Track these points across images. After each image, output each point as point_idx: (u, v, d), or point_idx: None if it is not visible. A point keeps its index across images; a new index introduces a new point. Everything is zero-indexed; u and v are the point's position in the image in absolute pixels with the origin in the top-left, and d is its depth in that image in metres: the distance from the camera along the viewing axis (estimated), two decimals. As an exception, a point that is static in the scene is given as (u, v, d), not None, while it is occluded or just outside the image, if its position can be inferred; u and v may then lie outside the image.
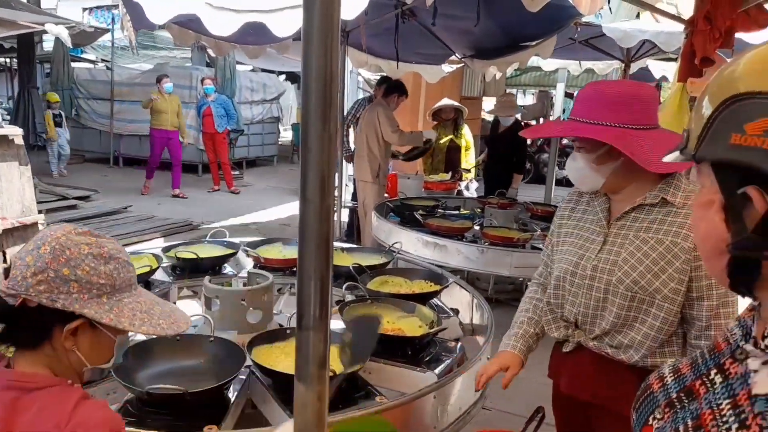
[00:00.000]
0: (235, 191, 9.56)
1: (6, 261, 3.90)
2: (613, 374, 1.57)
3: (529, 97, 18.21)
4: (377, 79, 9.28)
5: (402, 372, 1.81)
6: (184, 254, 2.59)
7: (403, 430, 1.54)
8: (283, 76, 15.74)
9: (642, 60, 6.42)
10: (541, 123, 11.10)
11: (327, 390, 0.67)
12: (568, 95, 10.51)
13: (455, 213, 4.62)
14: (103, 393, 1.64)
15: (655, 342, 1.50)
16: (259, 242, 2.87)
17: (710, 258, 0.71)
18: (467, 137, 6.24)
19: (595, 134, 1.49)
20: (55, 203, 7.45)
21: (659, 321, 1.49)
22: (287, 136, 15.92)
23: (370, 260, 2.67)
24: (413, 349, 1.89)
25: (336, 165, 0.70)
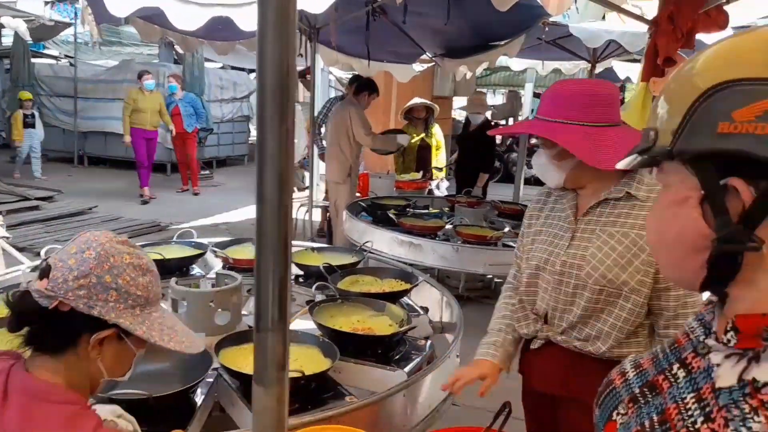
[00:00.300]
0: (197, 192, 9.28)
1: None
2: (582, 367, 1.59)
3: (499, 97, 18.39)
4: (349, 78, 9.29)
5: (372, 371, 1.80)
6: (150, 255, 2.53)
7: (373, 430, 1.53)
8: (254, 74, 15.56)
9: (607, 60, 6.56)
10: (511, 122, 11.25)
11: (287, 393, 0.65)
12: (537, 95, 10.65)
13: (425, 212, 4.63)
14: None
15: (622, 333, 1.53)
16: (228, 242, 2.83)
17: (684, 257, 0.69)
18: (438, 136, 6.27)
19: (548, 132, 1.53)
20: (16, 204, 7.23)
21: (626, 312, 1.52)
22: (258, 135, 15.72)
23: (341, 260, 2.66)
24: (383, 348, 1.89)
25: (293, 162, 0.68)
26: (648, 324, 1.56)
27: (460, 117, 8.81)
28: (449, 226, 4.04)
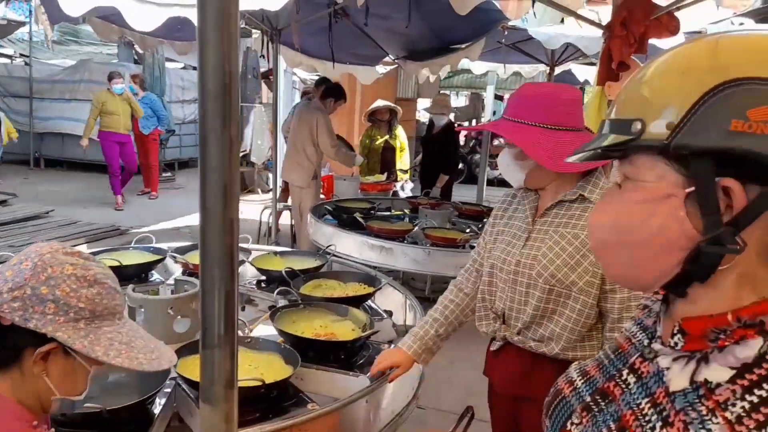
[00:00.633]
0: (153, 197, 8.89)
1: None
2: (539, 368, 1.63)
3: (462, 99, 18.59)
4: (314, 80, 9.23)
5: (334, 377, 1.79)
6: (106, 262, 2.47)
7: (335, 436, 1.52)
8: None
9: (566, 64, 6.71)
10: (474, 124, 11.38)
11: (235, 411, 0.64)
12: (498, 97, 10.83)
13: (388, 214, 4.61)
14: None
15: (574, 334, 1.56)
16: (188, 247, 2.78)
17: (655, 256, 0.66)
18: (402, 138, 6.29)
19: (506, 132, 1.56)
20: (-33, 209, 6.96)
21: (576, 313, 1.55)
22: (221, 136, 15.49)
23: (304, 264, 2.64)
24: (346, 353, 1.88)
25: (238, 171, 0.66)
26: (602, 327, 1.60)
27: (424, 119, 8.85)
28: (417, 229, 4.00)
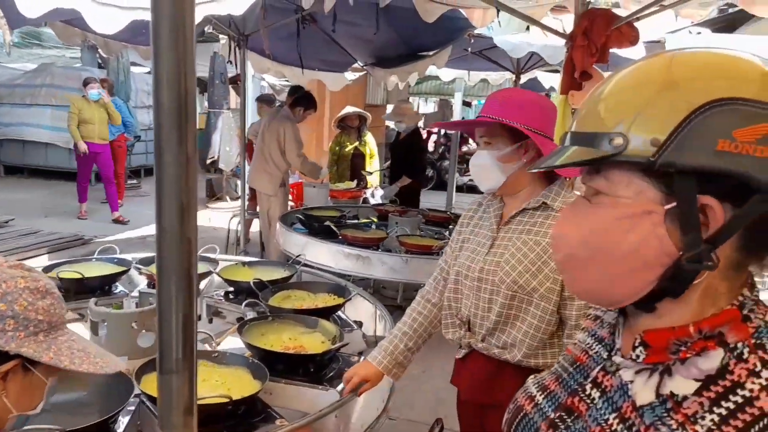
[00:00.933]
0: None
1: None
2: (503, 374, 1.65)
3: (431, 105, 18.75)
4: (283, 85, 9.17)
5: (303, 391, 1.77)
6: (68, 274, 2.41)
7: (304, 452, 1.51)
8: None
9: (531, 72, 6.83)
10: (443, 131, 11.47)
11: (195, 437, 0.63)
12: (466, 104, 10.95)
13: (356, 222, 4.53)
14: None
15: (535, 341, 1.58)
16: (153, 258, 2.71)
17: (631, 273, 0.66)
18: (371, 145, 6.29)
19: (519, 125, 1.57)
20: None
21: (537, 319, 1.57)
22: (189, 142, 15.25)
23: (273, 274, 2.61)
24: (315, 366, 1.86)
25: (196, 189, 0.65)
26: (561, 334, 1.62)
27: (394, 125, 8.89)
28: (391, 236, 3.95)
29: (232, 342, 2.10)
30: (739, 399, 0.59)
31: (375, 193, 6.00)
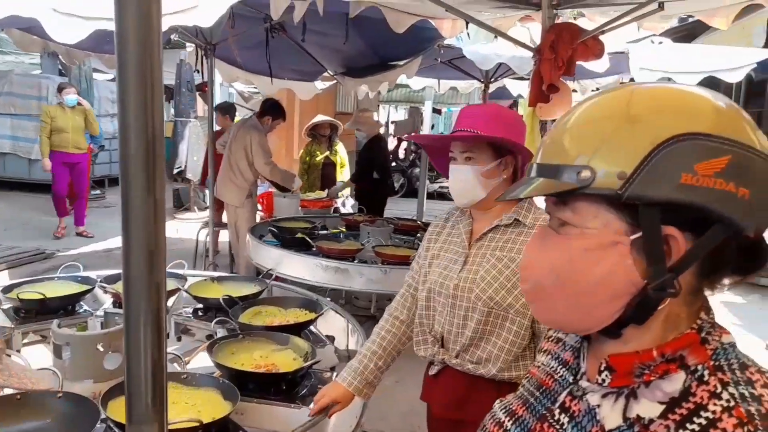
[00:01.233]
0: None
1: None
2: (476, 390, 1.65)
3: (402, 112, 18.81)
4: (251, 92, 9.07)
5: (276, 410, 1.74)
6: (29, 294, 2.33)
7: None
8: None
9: (500, 80, 6.92)
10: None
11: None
12: (436, 111, 11.04)
13: (326, 233, 4.44)
14: None
15: (510, 355, 1.60)
16: (119, 276, 2.64)
17: (601, 303, 0.67)
18: (342, 154, 6.28)
19: (516, 145, 1.61)
20: None
21: (512, 335, 1.59)
22: (155, 151, 14.95)
23: (243, 290, 2.57)
24: (287, 385, 1.84)
25: (165, 233, 0.62)
26: (534, 347, 1.64)
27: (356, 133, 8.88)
28: (368, 247, 3.89)
29: (202, 360, 2.05)
30: (703, 421, 0.61)
31: (346, 203, 5.98)
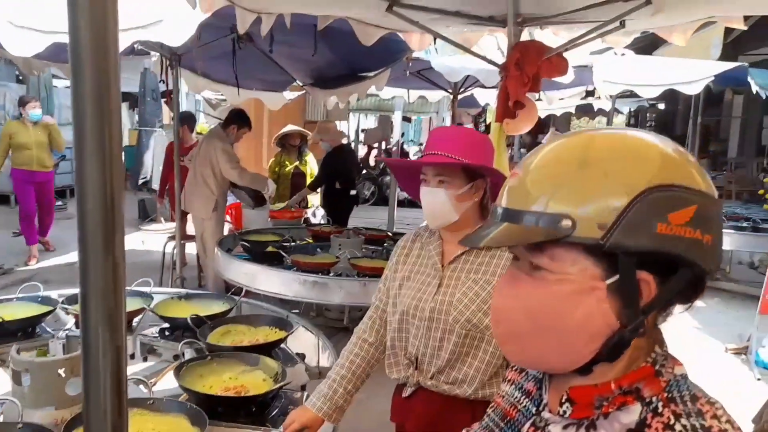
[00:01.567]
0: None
1: None
2: (451, 410, 1.66)
3: (372, 120, 18.83)
4: (219, 99, 8.97)
5: (245, 434, 1.72)
6: (-15, 319, 2.24)
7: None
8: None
9: (468, 90, 7.03)
10: (383, 145, 11.58)
11: None
12: (406, 119, 11.12)
13: (296, 244, 4.33)
14: None
15: (485, 375, 1.62)
16: (82, 295, 2.57)
17: (579, 345, 0.69)
18: (311, 164, 6.25)
19: (489, 170, 1.64)
20: None
21: (488, 355, 1.61)
22: (119, 159, 14.63)
23: (211, 308, 2.52)
24: (257, 407, 1.82)
25: (123, 298, 0.61)
26: (506, 364, 1.65)
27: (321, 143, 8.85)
28: (343, 259, 3.84)
29: (169, 382, 2.01)
30: None
31: (316, 213, 5.95)
